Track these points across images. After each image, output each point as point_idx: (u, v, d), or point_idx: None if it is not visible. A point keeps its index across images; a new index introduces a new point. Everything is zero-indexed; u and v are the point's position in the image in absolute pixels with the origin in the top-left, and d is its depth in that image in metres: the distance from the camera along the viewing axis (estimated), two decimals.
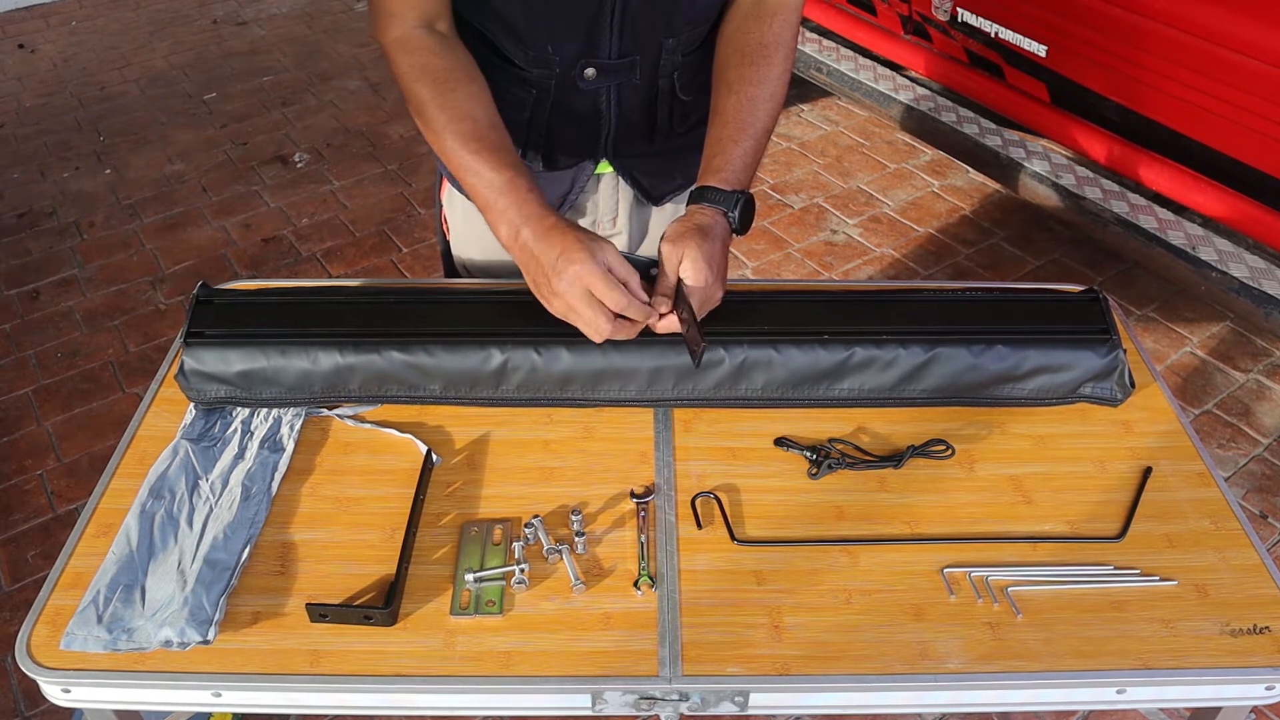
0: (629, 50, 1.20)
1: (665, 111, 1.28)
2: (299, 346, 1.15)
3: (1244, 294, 2.12)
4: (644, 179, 1.36)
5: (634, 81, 1.23)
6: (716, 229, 1.12)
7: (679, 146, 1.34)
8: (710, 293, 1.10)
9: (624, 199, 1.39)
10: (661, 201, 1.40)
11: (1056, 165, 2.46)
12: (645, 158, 1.34)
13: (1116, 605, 0.98)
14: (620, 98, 1.25)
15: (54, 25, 4.62)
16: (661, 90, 1.26)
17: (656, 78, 1.24)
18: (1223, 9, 2.02)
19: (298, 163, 3.54)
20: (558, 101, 1.25)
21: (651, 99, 1.27)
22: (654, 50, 1.21)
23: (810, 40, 3.10)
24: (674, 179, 1.38)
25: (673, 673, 0.92)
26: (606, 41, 1.18)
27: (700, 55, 1.26)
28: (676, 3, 1.17)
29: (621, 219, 1.41)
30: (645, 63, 1.22)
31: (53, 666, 0.93)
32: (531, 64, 1.21)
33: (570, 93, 1.23)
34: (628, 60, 1.20)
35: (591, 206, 1.40)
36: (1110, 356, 1.15)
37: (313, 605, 0.96)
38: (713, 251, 1.10)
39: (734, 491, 1.10)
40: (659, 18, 1.18)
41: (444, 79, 1.14)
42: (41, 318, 2.87)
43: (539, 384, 1.16)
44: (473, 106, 1.14)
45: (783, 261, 2.97)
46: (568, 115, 1.27)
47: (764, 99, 1.19)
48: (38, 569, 2.16)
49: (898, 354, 1.14)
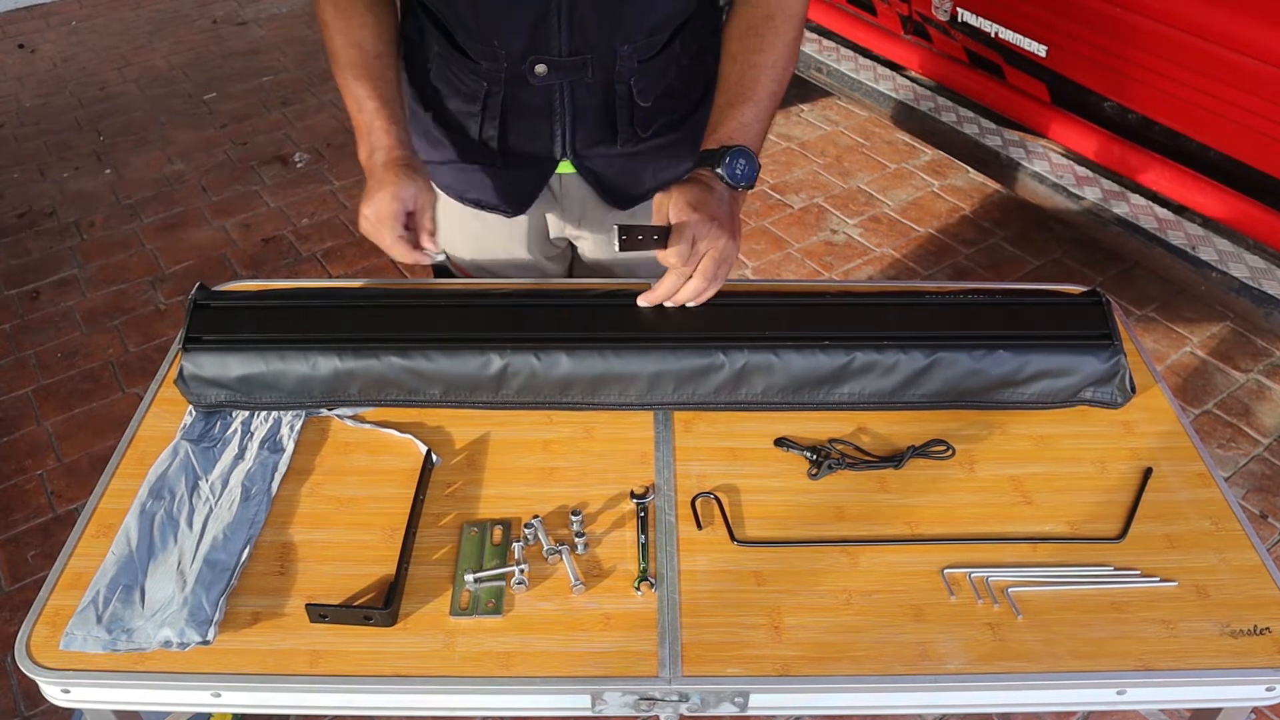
0: (580, 49, 1.19)
1: (625, 116, 1.27)
2: (298, 351, 1.15)
3: (1244, 294, 2.12)
4: (608, 182, 1.34)
5: (587, 81, 1.22)
6: (707, 179, 1.13)
7: (646, 151, 1.32)
8: (701, 227, 1.09)
9: (588, 202, 1.38)
10: (628, 206, 1.37)
11: (1056, 165, 2.46)
12: (609, 160, 1.32)
13: (1117, 606, 0.98)
14: (574, 97, 1.24)
15: (54, 25, 4.61)
16: (619, 95, 1.25)
17: (612, 81, 1.23)
18: (1223, 9, 2.02)
19: (298, 163, 3.54)
20: (510, 95, 1.25)
21: (609, 102, 1.25)
22: (607, 53, 1.20)
23: (810, 40, 3.10)
24: (641, 184, 1.36)
25: (672, 673, 0.92)
26: (556, 39, 1.17)
27: (662, 63, 1.24)
28: (627, 7, 1.16)
29: (586, 221, 1.40)
30: (598, 64, 1.21)
31: (52, 667, 0.93)
32: (480, 55, 1.22)
33: (521, 88, 1.23)
34: (579, 59, 1.20)
35: (557, 206, 1.40)
36: (1112, 361, 1.15)
37: (312, 605, 0.95)
38: (700, 195, 1.10)
39: (734, 492, 1.10)
40: (609, 21, 1.17)
41: (345, 6, 1.22)
42: (41, 318, 2.87)
43: (539, 389, 1.16)
44: (364, 35, 1.22)
45: (783, 261, 2.97)
46: (521, 110, 1.27)
47: (766, 66, 1.18)
48: (38, 569, 2.16)
49: (898, 359, 1.14)
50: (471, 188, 1.37)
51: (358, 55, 1.21)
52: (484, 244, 1.43)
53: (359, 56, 1.21)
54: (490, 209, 1.37)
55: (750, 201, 3.21)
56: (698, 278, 1.13)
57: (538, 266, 1.46)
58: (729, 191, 1.14)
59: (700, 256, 1.11)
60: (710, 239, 1.10)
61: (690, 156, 1.33)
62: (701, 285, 1.13)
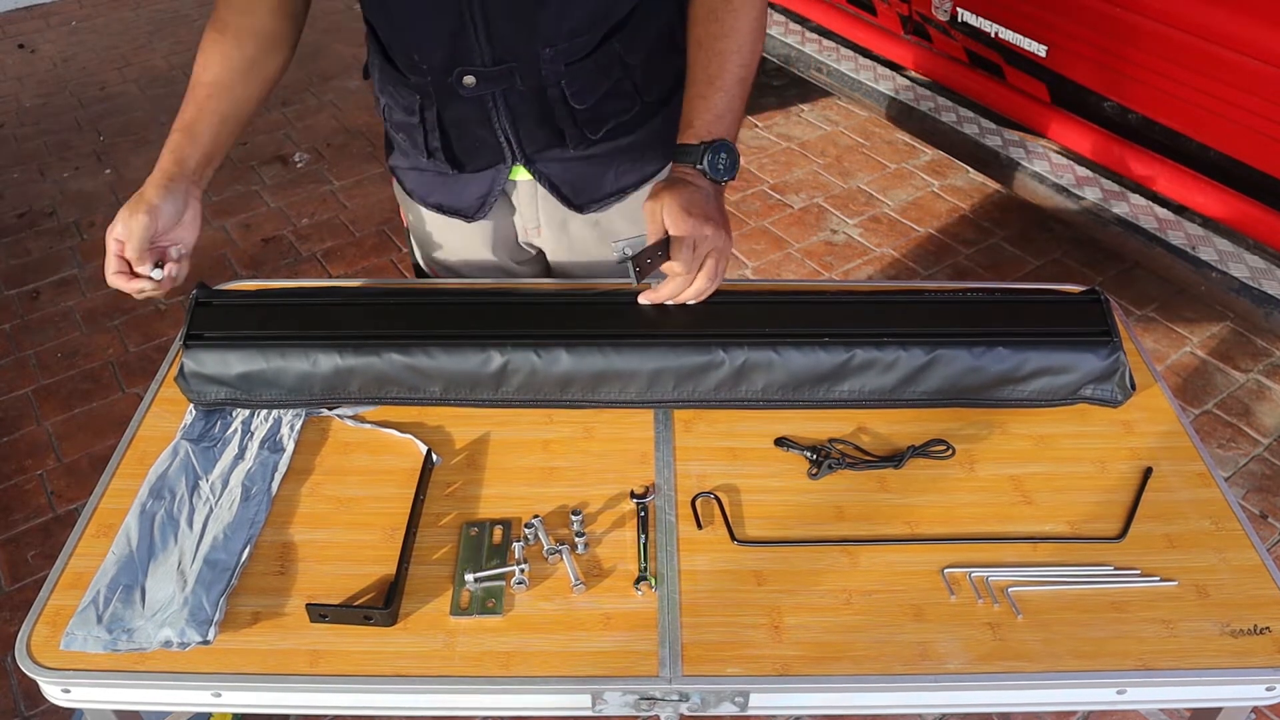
0: (503, 58, 1.18)
1: (566, 119, 1.25)
2: (299, 349, 1.15)
3: (1244, 294, 2.12)
4: (564, 186, 1.33)
5: (518, 89, 1.21)
6: (690, 177, 1.13)
7: (605, 154, 1.31)
8: (699, 232, 1.09)
9: (545, 206, 1.37)
10: (586, 210, 1.36)
11: (1056, 165, 2.46)
12: (563, 164, 1.31)
13: (1117, 606, 0.98)
14: (509, 105, 1.23)
15: (54, 25, 4.62)
16: (552, 99, 1.23)
17: (543, 86, 1.21)
18: (1223, 9, 2.02)
19: (298, 163, 3.54)
20: (443, 106, 1.25)
21: (544, 107, 1.24)
22: (531, 59, 1.19)
23: (810, 40, 3.10)
24: (602, 187, 1.34)
25: (673, 673, 0.92)
26: (477, 50, 1.17)
27: (595, 65, 1.22)
28: (543, 11, 1.15)
29: (545, 226, 1.39)
30: (525, 71, 1.20)
31: (53, 666, 0.93)
32: (408, 69, 1.23)
33: (453, 99, 1.23)
34: (505, 68, 1.19)
35: (515, 213, 1.40)
36: (1111, 358, 1.15)
37: (313, 605, 0.96)
38: (690, 197, 1.10)
39: (734, 491, 1.10)
40: (526, 27, 1.16)
41: (218, 32, 1.23)
42: (41, 318, 2.87)
43: (539, 386, 1.16)
44: (213, 62, 1.23)
45: (783, 261, 2.97)
46: (458, 120, 1.27)
47: (732, 51, 1.17)
48: (38, 569, 2.16)
49: (898, 356, 1.14)
50: (433, 192, 1.38)
51: (195, 78, 1.22)
52: (452, 247, 1.44)
53: (194, 80, 1.22)
54: (451, 213, 1.38)
55: (750, 201, 3.21)
56: (702, 279, 1.13)
57: (507, 271, 1.46)
58: (714, 187, 1.14)
59: (702, 258, 1.12)
60: (709, 240, 1.11)
61: (655, 158, 1.33)
62: (706, 285, 1.14)
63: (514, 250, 1.45)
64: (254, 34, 1.24)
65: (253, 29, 1.23)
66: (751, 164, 3.40)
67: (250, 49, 1.24)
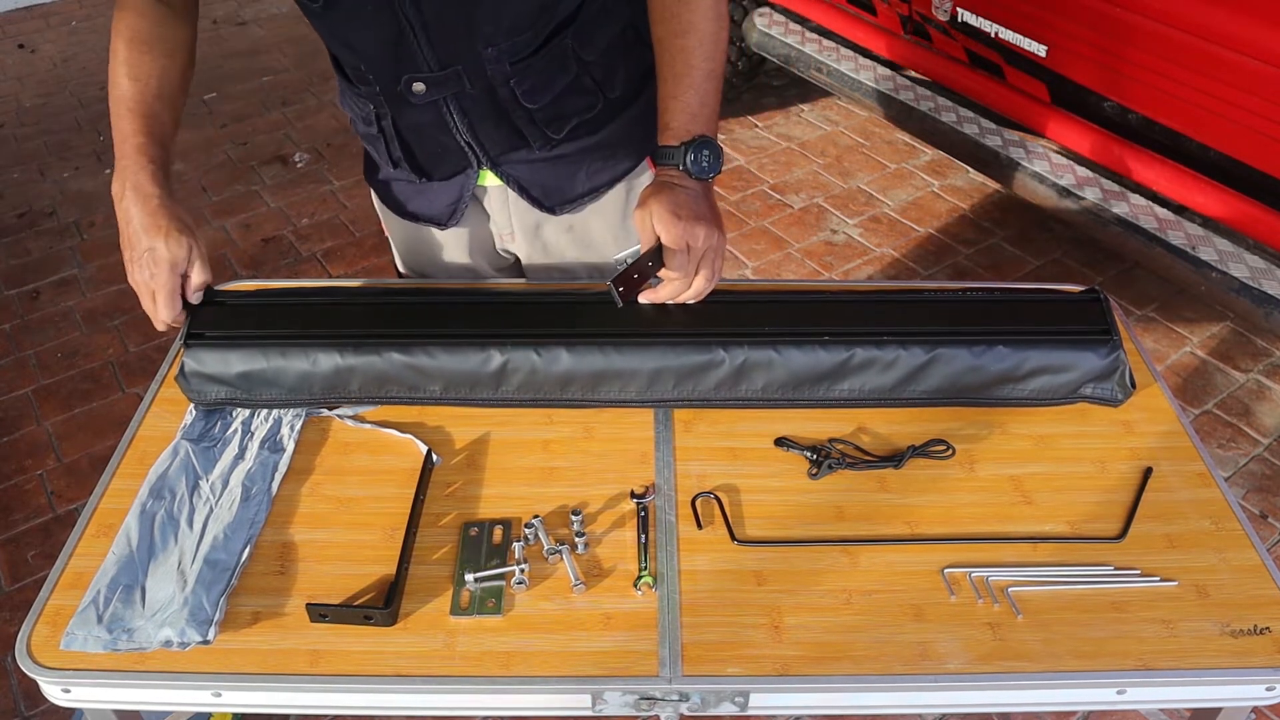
0: (448, 61, 1.17)
1: (523, 119, 1.24)
2: (299, 348, 1.15)
3: (1244, 294, 2.12)
4: (533, 188, 1.32)
5: (469, 92, 1.20)
6: (676, 180, 1.12)
7: (573, 153, 1.29)
8: (692, 234, 1.09)
9: (516, 209, 1.35)
10: (559, 211, 1.34)
11: (1056, 165, 2.46)
12: (530, 165, 1.30)
13: (1117, 606, 0.98)
14: (462, 108, 1.22)
15: (54, 25, 4.62)
16: (504, 99, 1.21)
17: (492, 87, 1.20)
18: (1223, 9, 2.02)
19: (298, 163, 3.54)
20: (399, 115, 1.24)
21: (498, 108, 1.22)
22: (475, 61, 1.17)
23: (810, 40, 3.10)
24: (573, 187, 1.32)
25: (673, 673, 0.92)
26: (420, 56, 1.15)
27: (545, 63, 1.19)
28: (477, 10, 1.13)
29: (519, 232, 1.38)
30: (471, 73, 1.18)
31: (53, 666, 0.93)
32: (359, 81, 1.23)
33: (406, 107, 1.22)
34: (451, 71, 1.17)
35: (487, 218, 1.39)
36: (1111, 357, 1.15)
37: (313, 605, 0.96)
38: (678, 200, 1.10)
39: (734, 491, 1.10)
40: (464, 27, 1.14)
41: (141, 42, 1.20)
42: (41, 318, 2.87)
43: (539, 385, 1.16)
44: (151, 73, 1.19)
45: (783, 261, 2.97)
46: (416, 128, 1.26)
47: (694, 47, 1.15)
48: (38, 569, 2.16)
49: (898, 355, 1.14)
50: (408, 202, 1.38)
51: (138, 90, 1.18)
52: (431, 257, 1.44)
53: (138, 91, 1.18)
54: (426, 222, 1.38)
55: (750, 201, 3.22)
56: (700, 279, 1.13)
57: (486, 277, 1.46)
58: (701, 185, 1.13)
59: (699, 258, 1.12)
60: (703, 240, 1.10)
61: (628, 156, 1.32)
62: (705, 285, 1.14)
63: (492, 257, 1.44)
64: (169, 37, 1.22)
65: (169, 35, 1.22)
66: (751, 164, 3.40)
67: (181, 59, 1.24)
